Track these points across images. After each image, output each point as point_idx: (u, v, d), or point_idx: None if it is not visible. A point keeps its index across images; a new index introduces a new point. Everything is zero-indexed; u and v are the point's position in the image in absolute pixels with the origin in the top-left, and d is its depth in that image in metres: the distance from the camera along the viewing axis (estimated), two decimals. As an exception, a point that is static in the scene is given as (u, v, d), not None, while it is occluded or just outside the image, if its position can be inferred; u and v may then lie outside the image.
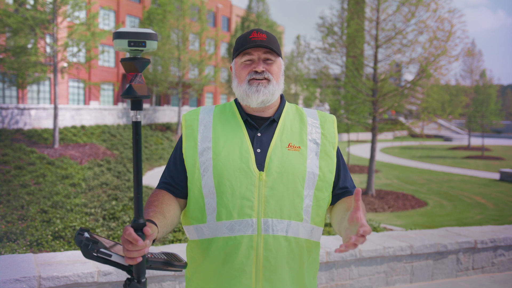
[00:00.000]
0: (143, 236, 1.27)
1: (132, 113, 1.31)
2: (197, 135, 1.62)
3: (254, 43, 1.58)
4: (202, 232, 1.59)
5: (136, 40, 1.26)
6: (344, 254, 3.82)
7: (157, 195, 1.58)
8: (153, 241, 1.36)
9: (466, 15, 14.68)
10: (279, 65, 1.65)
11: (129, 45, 1.25)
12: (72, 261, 2.97)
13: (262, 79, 1.59)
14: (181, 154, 1.64)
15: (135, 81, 1.29)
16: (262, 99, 1.59)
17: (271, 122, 1.65)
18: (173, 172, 1.64)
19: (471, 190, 17.52)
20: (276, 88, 1.61)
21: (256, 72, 1.59)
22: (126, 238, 1.23)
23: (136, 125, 1.30)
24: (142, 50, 1.28)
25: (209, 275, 1.57)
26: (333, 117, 1.73)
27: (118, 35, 1.25)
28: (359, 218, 1.29)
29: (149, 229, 1.27)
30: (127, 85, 1.29)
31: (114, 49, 1.30)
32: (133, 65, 1.28)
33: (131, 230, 1.23)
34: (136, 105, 1.29)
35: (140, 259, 1.26)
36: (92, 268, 2.87)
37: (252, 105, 1.61)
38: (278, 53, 1.61)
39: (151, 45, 1.28)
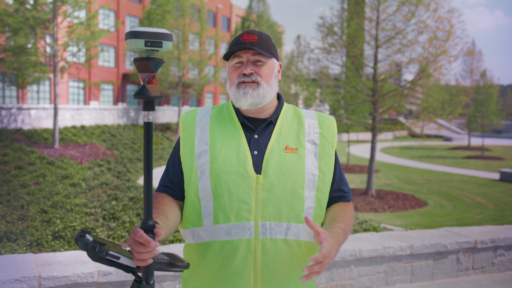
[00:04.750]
0: (153, 237, 1.24)
1: (144, 113, 1.27)
2: (194, 138, 1.61)
3: (243, 45, 1.55)
4: (199, 235, 1.57)
5: (153, 40, 1.22)
6: (344, 254, 3.82)
7: (157, 198, 1.57)
8: None
9: (465, 14, 14.67)
10: (271, 66, 1.61)
11: (146, 45, 1.22)
12: (72, 261, 2.97)
13: (250, 82, 1.56)
14: (179, 157, 1.62)
15: (149, 81, 1.26)
16: (250, 102, 1.56)
17: (268, 124, 1.62)
18: (171, 175, 1.63)
19: (471, 190, 17.51)
20: (267, 90, 1.58)
21: (244, 74, 1.57)
22: (137, 240, 1.21)
23: (148, 126, 1.27)
24: (157, 51, 1.25)
25: (206, 278, 1.55)
26: (332, 117, 1.71)
27: (134, 35, 1.21)
28: (320, 242, 1.35)
29: (160, 230, 1.25)
30: (141, 86, 1.26)
31: (128, 48, 1.26)
32: (147, 65, 1.25)
33: (142, 232, 1.21)
34: (149, 106, 1.26)
35: (150, 261, 1.25)
36: (92, 268, 2.87)
37: (243, 107, 1.59)
38: (268, 55, 1.58)
39: (167, 45, 1.25)
